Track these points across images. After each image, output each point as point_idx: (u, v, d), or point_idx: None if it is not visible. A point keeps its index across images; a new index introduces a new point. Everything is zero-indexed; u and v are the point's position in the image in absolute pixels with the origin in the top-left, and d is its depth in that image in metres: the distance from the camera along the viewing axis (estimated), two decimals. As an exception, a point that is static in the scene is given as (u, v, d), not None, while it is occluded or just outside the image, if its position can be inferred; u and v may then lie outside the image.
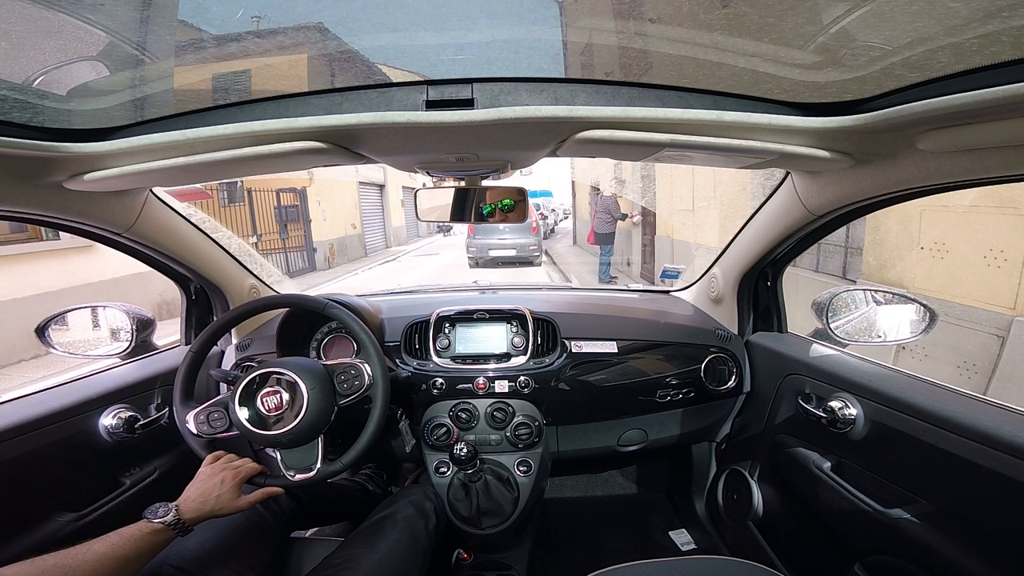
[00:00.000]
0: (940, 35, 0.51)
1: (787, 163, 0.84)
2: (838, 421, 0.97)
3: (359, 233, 13.10)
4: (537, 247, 9.39)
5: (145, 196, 1.01)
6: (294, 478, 0.90)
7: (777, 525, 1.23)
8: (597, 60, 0.72)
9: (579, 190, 12.32)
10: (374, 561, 0.89)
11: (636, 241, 8.00)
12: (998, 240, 2.60)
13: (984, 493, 0.72)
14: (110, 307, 1.25)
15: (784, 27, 0.59)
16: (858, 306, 1.21)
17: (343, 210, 12.29)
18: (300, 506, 1.09)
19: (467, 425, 1.27)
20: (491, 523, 1.20)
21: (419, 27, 0.66)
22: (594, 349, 1.30)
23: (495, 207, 1.04)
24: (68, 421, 0.97)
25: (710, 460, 1.55)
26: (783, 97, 0.66)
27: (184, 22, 0.71)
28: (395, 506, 1.06)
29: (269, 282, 1.51)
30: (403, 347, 1.30)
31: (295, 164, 0.81)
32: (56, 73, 0.69)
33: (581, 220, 12.15)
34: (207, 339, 1.01)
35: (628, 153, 0.78)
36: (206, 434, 0.91)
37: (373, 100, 0.65)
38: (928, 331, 1.07)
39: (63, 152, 0.67)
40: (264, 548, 0.95)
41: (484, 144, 0.75)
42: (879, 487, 0.90)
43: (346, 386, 0.95)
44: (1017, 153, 0.57)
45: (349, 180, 12.72)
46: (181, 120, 0.68)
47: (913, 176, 0.72)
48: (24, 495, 0.90)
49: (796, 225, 1.04)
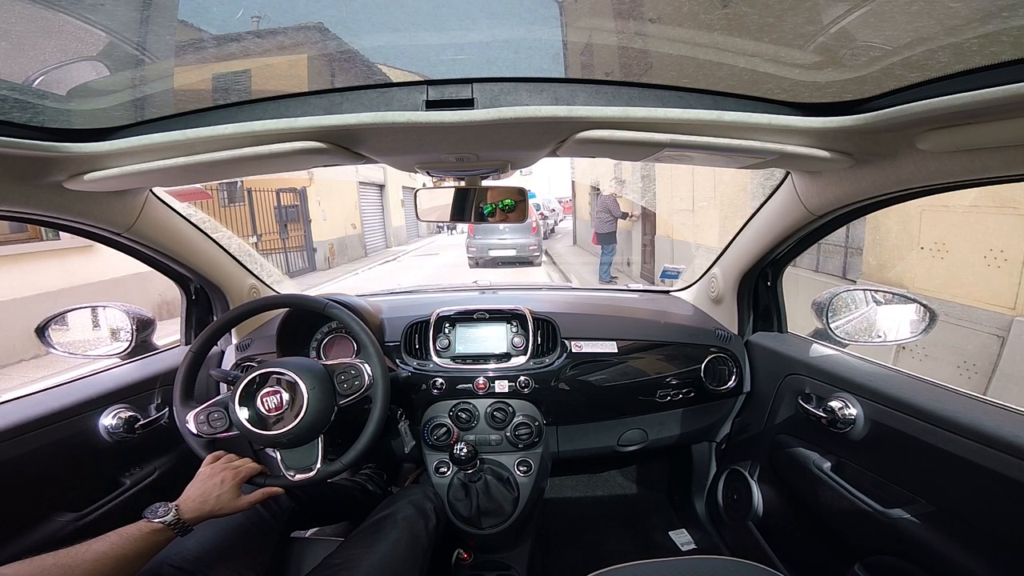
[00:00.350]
0: (940, 35, 0.51)
1: (787, 163, 0.84)
2: (838, 421, 0.97)
3: (359, 233, 13.08)
4: (537, 247, 9.40)
5: (145, 196, 1.01)
6: (294, 478, 0.90)
7: (777, 525, 1.23)
8: (597, 60, 0.72)
9: (579, 190, 12.32)
10: (374, 561, 0.89)
11: (636, 241, 8.00)
12: (998, 240, 2.60)
13: (984, 493, 0.72)
14: (110, 307, 1.25)
15: (784, 27, 0.59)
16: (858, 306, 1.21)
17: (343, 210, 12.28)
18: (300, 506, 1.09)
19: (467, 425, 1.27)
20: (491, 523, 1.20)
21: (419, 27, 0.66)
22: (594, 349, 1.30)
23: (495, 207, 1.04)
24: (68, 421, 0.97)
25: (710, 460, 1.55)
26: (783, 97, 0.66)
27: (184, 22, 0.71)
28: (395, 506, 1.06)
29: (269, 282, 1.51)
30: (403, 347, 1.30)
31: (295, 164, 0.81)
32: (56, 73, 0.69)
33: (581, 220, 12.14)
34: (207, 339, 1.01)
35: (628, 153, 0.78)
36: (206, 434, 0.91)
37: (373, 100, 0.65)
38: (928, 331, 1.07)
39: (63, 152, 0.67)
40: (264, 548, 0.95)
41: (484, 144, 0.75)
42: (879, 487, 0.90)
43: (346, 386, 0.95)
44: (1017, 153, 0.57)
45: (349, 180, 12.71)
46: (181, 120, 0.68)
47: (913, 176, 0.72)
48: (24, 495, 0.90)
49: (796, 225, 1.04)
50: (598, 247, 7.50)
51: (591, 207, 10.30)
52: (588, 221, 10.75)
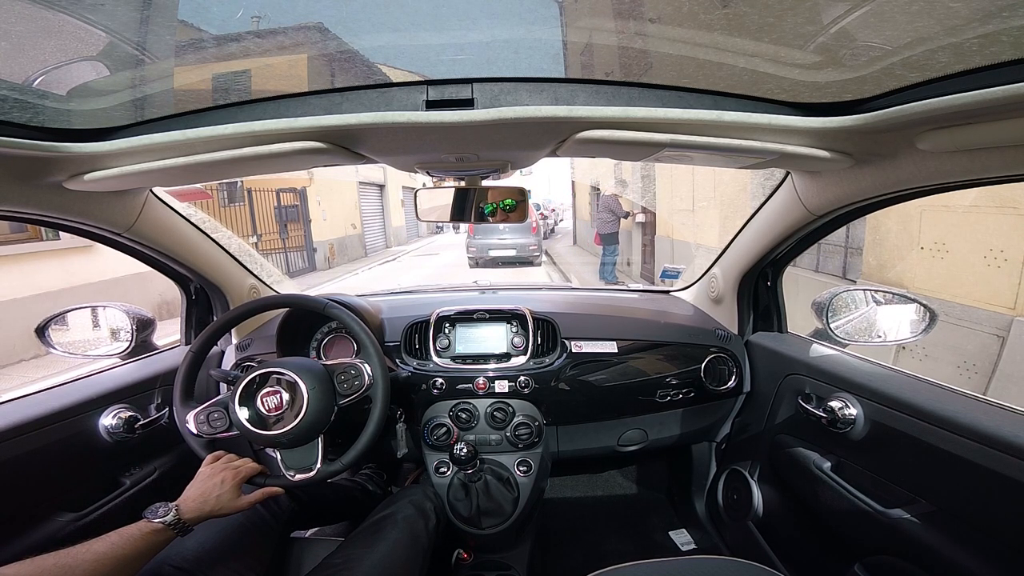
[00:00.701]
0: (940, 35, 0.51)
1: (787, 163, 0.84)
2: (838, 421, 0.97)
3: (359, 233, 13.06)
4: (537, 247, 9.39)
5: (145, 196, 1.01)
6: (294, 478, 0.90)
7: (777, 525, 1.23)
8: (597, 60, 0.72)
9: (579, 190, 12.31)
10: (374, 561, 0.89)
11: (636, 241, 8.00)
12: (998, 240, 2.59)
13: (984, 493, 0.72)
14: (110, 307, 1.25)
15: (784, 27, 0.59)
16: (858, 306, 1.21)
17: (343, 210, 12.26)
18: (300, 506, 1.09)
19: (467, 425, 1.27)
20: (491, 523, 1.20)
21: (419, 27, 0.66)
22: (594, 349, 1.30)
23: (495, 207, 1.04)
24: (68, 421, 0.97)
25: (710, 460, 1.55)
26: (783, 97, 0.66)
27: (184, 22, 0.71)
28: (395, 506, 1.06)
29: (269, 282, 1.51)
30: (403, 347, 1.30)
31: (295, 164, 0.81)
32: (56, 73, 0.69)
33: (581, 220, 12.11)
34: (207, 339, 1.01)
35: (628, 153, 0.78)
36: (206, 434, 0.91)
37: (373, 100, 0.65)
38: (928, 331, 1.07)
39: (63, 152, 0.67)
40: (264, 548, 0.95)
41: (484, 144, 0.75)
42: (879, 487, 0.90)
43: (346, 386, 0.95)
44: (1017, 153, 0.57)
45: (349, 180, 12.69)
46: (181, 120, 0.68)
47: (913, 176, 0.72)
48: (24, 495, 0.90)
49: (796, 225, 1.04)
50: (599, 247, 7.49)
51: (591, 207, 10.28)
52: (588, 221, 10.73)
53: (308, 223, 10.39)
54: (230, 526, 0.92)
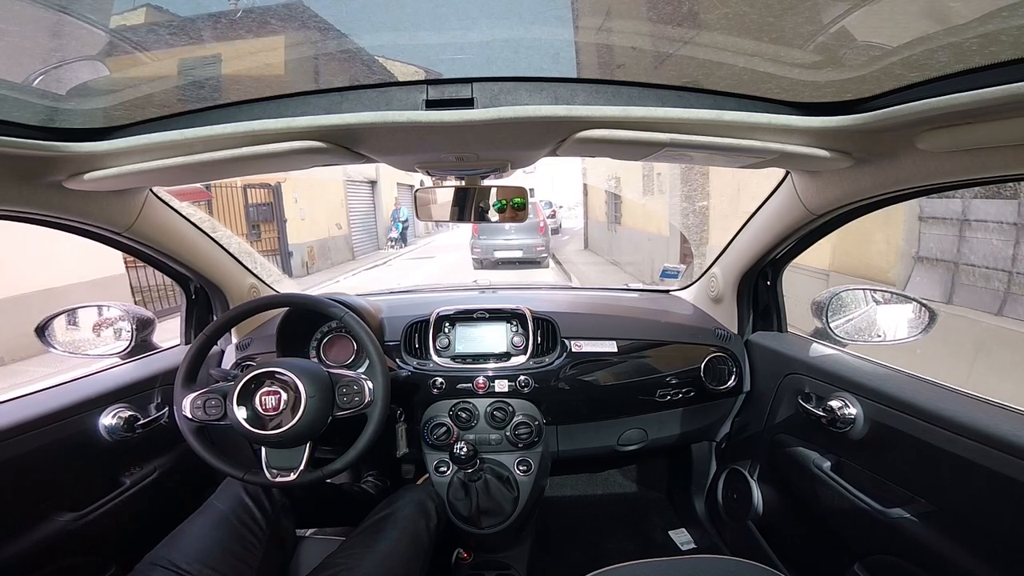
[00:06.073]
0: (940, 35, 0.51)
1: (787, 163, 0.84)
2: (838, 420, 0.97)
3: (345, 234, 11.79)
4: (544, 247, 9.17)
5: (145, 196, 1.01)
6: (275, 478, 0.90)
7: (777, 525, 1.23)
8: (597, 59, 0.72)
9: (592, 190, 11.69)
10: (375, 560, 0.89)
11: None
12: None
13: (984, 493, 0.72)
14: (110, 306, 1.25)
15: (784, 27, 0.59)
16: (857, 306, 1.21)
17: (327, 208, 11.00)
18: (296, 504, 1.09)
19: (467, 424, 1.27)
20: (491, 522, 1.20)
21: (419, 26, 0.65)
22: (594, 348, 1.30)
23: (496, 206, 1.04)
24: (68, 421, 0.97)
25: (710, 460, 1.55)
26: (783, 97, 0.66)
27: (183, 17, 0.71)
28: (396, 505, 1.06)
29: (269, 281, 1.51)
30: (403, 347, 1.30)
31: (295, 164, 0.81)
32: (56, 73, 0.68)
33: (595, 222, 11.51)
34: (219, 327, 1.02)
35: (628, 152, 0.78)
36: (199, 419, 0.92)
37: (373, 99, 0.65)
38: (928, 330, 1.07)
39: (63, 152, 0.67)
40: (257, 545, 0.94)
41: (484, 143, 0.75)
42: (879, 487, 0.91)
43: (346, 399, 0.94)
44: (1017, 153, 0.57)
45: (335, 176, 11.43)
46: (181, 120, 0.68)
47: (913, 175, 0.72)
48: (24, 495, 0.90)
49: (796, 224, 1.04)
50: (612, 251, 7.23)
51: (607, 207, 9.96)
52: (603, 223, 10.41)
53: (283, 223, 9.14)
54: (225, 525, 0.91)
